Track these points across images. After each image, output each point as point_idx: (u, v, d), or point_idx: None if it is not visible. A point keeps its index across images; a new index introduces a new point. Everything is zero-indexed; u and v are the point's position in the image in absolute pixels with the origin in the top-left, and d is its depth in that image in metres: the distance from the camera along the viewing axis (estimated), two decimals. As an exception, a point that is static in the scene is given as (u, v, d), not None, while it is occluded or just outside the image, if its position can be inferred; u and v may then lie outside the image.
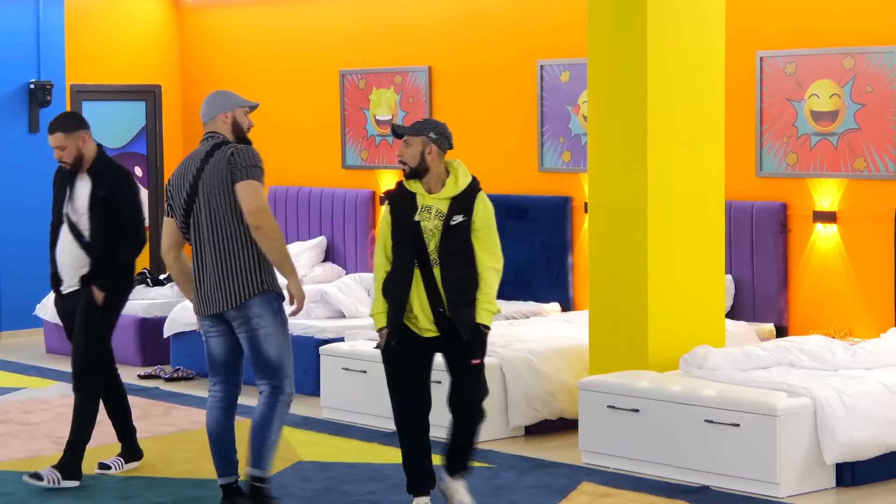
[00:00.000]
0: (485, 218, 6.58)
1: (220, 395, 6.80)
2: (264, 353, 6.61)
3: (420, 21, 11.84)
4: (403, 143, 6.58)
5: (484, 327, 6.55)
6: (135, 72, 13.79)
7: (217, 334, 6.67)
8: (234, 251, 6.53)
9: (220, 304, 6.55)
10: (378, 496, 7.14)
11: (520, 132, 11.05)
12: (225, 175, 6.53)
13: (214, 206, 6.53)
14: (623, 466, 7.58)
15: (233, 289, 6.52)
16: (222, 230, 6.53)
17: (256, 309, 6.55)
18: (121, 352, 11.23)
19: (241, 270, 6.53)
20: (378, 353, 8.75)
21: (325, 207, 12.40)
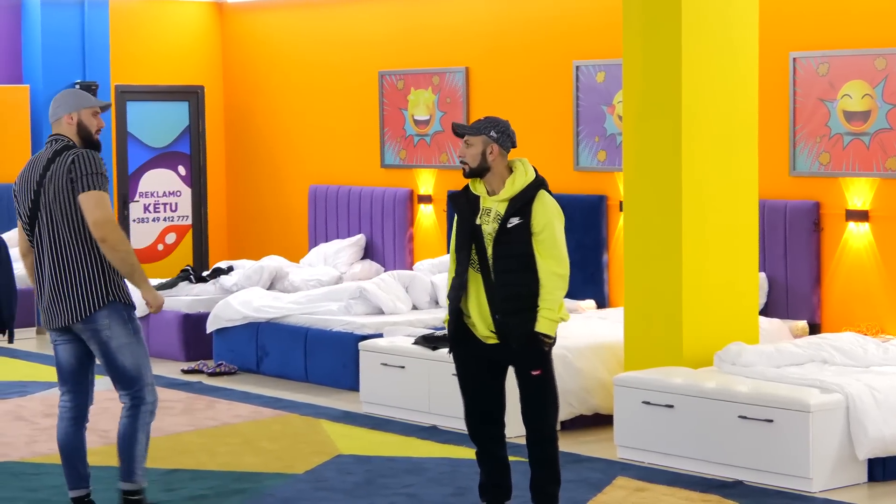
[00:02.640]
0: (544, 220, 6.21)
1: (69, 406, 6.48)
2: (119, 364, 6.31)
3: (457, 23, 11.94)
4: (464, 143, 6.32)
5: (544, 336, 6.17)
6: (178, 73, 13.91)
7: (64, 342, 6.38)
8: (76, 263, 6.23)
9: (64, 317, 6.26)
10: (417, 489, 7.18)
11: (555, 132, 11.13)
12: (65, 184, 6.18)
13: (56, 215, 6.22)
14: (657, 461, 7.63)
15: (77, 302, 6.22)
16: (63, 241, 6.23)
17: (104, 321, 6.25)
18: (164, 347, 11.41)
19: (84, 283, 6.22)
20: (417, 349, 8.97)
21: (363, 206, 12.50)
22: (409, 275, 10.85)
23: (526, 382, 6.31)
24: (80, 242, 6.22)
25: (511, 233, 6.18)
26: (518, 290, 6.16)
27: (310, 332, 10.27)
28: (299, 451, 8.10)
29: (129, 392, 6.38)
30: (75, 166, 6.18)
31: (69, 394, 6.46)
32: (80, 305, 6.23)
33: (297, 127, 13.48)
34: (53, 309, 6.30)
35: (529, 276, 6.17)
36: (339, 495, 7.09)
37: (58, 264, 6.25)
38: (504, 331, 6.20)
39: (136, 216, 13.69)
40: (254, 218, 14.00)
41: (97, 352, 6.33)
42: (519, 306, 6.16)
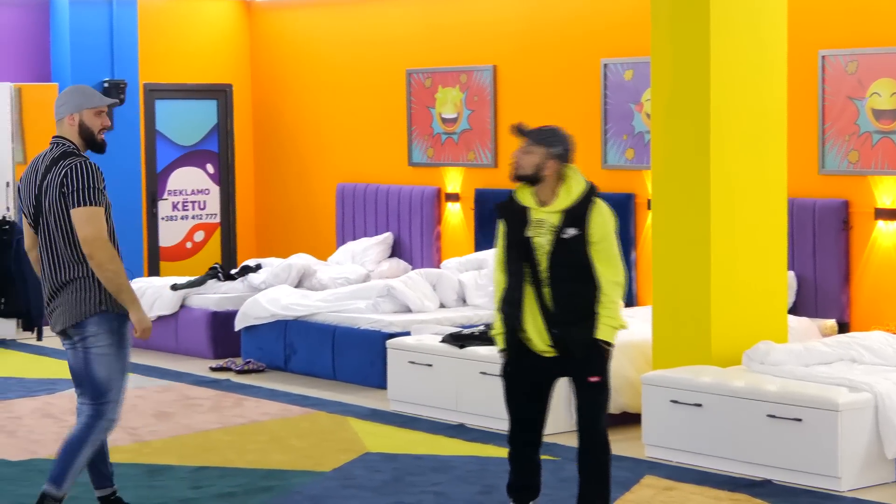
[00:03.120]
0: (602, 230, 6.09)
1: (81, 410, 6.34)
2: (93, 373, 6.17)
3: (485, 21, 11.94)
4: (524, 147, 6.12)
5: (605, 343, 6.09)
6: (206, 71, 13.96)
7: (70, 346, 6.30)
8: (70, 271, 6.14)
9: (59, 322, 6.19)
10: (444, 487, 7.19)
11: (583, 130, 11.11)
12: (57, 197, 6.08)
13: (51, 224, 6.13)
14: (686, 460, 7.63)
15: (71, 307, 6.13)
16: (59, 249, 6.15)
17: (93, 328, 6.14)
18: (193, 344, 11.46)
19: (77, 291, 6.13)
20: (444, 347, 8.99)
21: (391, 204, 12.52)
22: (437, 273, 10.87)
23: (583, 390, 6.19)
24: (75, 252, 6.13)
25: (568, 244, 6.04)
26: (576, 301, 6.05)
27: (337, 330, 10.30)
28: (327, 449, 8.12)
29: (92, 403, 6.21)
30: (67, 180, 6.04)
31: (83, 396, 6.34)
32: (73, 311, 6.13)
33: (325, 125, 13.51)
34: (51, 313, 6.24)
35: (586, 285, 6.07)
36: (367, 493, 7.11)
37: (54, 271, 6.17)
38: (564, 342, 6.09)
39: (165, 214, 13.74)
40: (282, 216, 14.04)
41: (79, 356, 6.20)
42: (577, 316, 6.05)
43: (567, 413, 8.52)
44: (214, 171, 14.06)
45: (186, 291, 11.70)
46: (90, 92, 6.31)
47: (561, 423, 8.49)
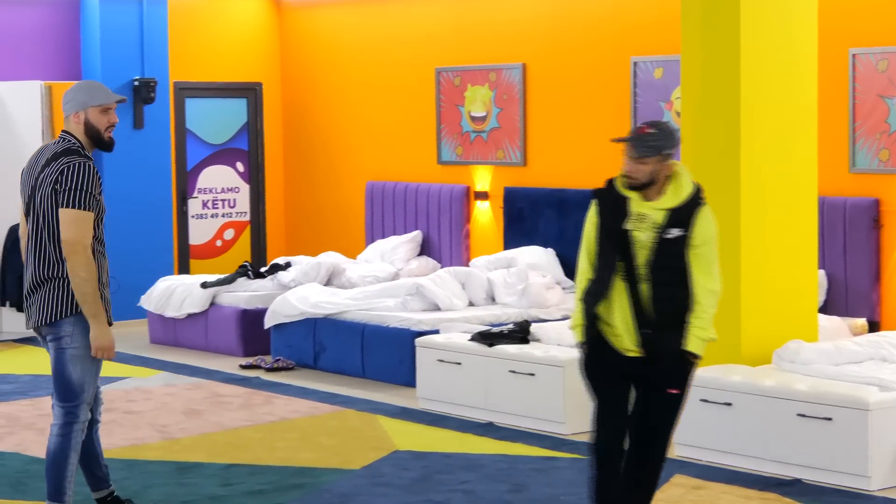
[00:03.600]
0: (706, 234, 5.77)
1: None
2: (67, 374, 6.06)
3: (514, 19, 11.95)
4: (635, 159, 5.79)
5: (692, 356, 5.77)
6: (236, 69, 14.00)
7: (43, 345, 6.27)
8: (52, 268, 6.05)
9: (34, 318, 6.11)
10: (473, 485, 7.19)
11: (613, 128, 11.09)
12: (49, 193, 6.00)
13: (40, 219, 6.07)
14: (716, 459, 7.62)
15: (48, 305, 6.04)
16: (42, 244, 6.07)
17: (68, 328, 6.04)
18: (223, 342, 11.51)
19: (57, 289, 6.03)
20: (473, 345, 9.00)
21: (420, 202, 12.54)
22: (466, 271, 10.87)
23: (657, 400, 5.85)
24: (57, 250, 6.04)
25: (670, 244, 5.73)
26: (671, 305, 5.75)
27: (367, 328, 10.32)
28: (356, 447, 8.14)
29: (64, 406, 6.11)
30: (63, 178, 5.95)
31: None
32: (49, 309, 6.05)
33: (354, 123, 13.54)
34: (29, 308, 6.15)
35: (682, 290, 5.76)
36: (396, 491, 7.12)
37: (37, 266, 6.09)
38: (652, 346, 5.78)
39: (195, 212, 13.79)
40: (311, 214, 14.07)
41: (52, 356, 6.11)
42: (672, 321, 5.75)
43: (596, 412, 8.52)
44: (244, 170, 14.10)
45: (216, 289, 11.74)
46: (96, 88, 6.16)
47: (587, 422, 8.46)
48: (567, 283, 11.12)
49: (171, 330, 12.00)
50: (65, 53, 13.12)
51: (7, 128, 12.12)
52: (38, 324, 6.11)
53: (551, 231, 11.38)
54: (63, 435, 6.12)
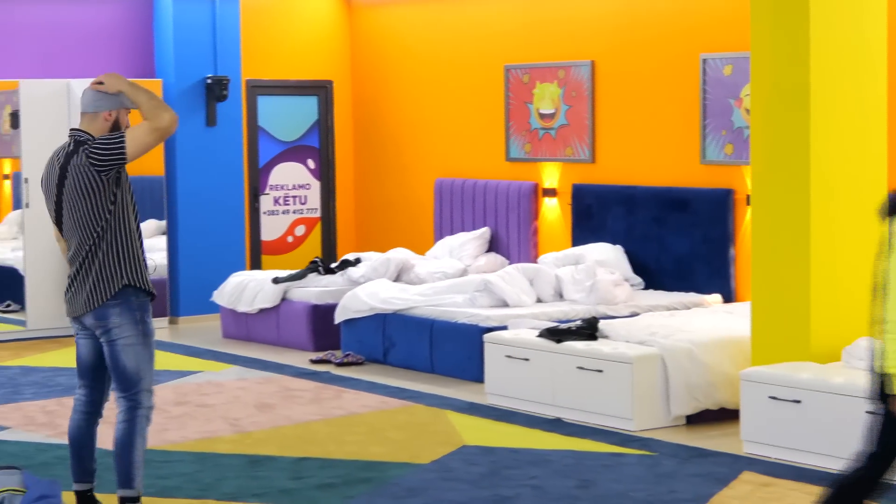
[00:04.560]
0: None
1: (84, 400, 6.42)
2: (122, 364, 6.21)
3: (583, 16, 11.95)
4: None
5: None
6: (307, 67, 14.10)
7: (84, 337, 6.35)
8: (91, 257, 6.19)
9: (79, 307, 6.24)
10: (541, 481, 7.21)
11: (682, 125, 11.10)
12: (87, 172, 6.12)
13: (78, 204, 6.17)
14: (784, 456, 7.60)
15: (91, 292, 6.18)
16: (80, 236, 6.19)
17: (115, 319, 6.19)
18: (294, 337, 11.61)
19: (101, 271, 6.18)
20: (541, 341, 9.02)
21: (488, 199, 12.57)
22: (534, 268, 10.88)
23: None
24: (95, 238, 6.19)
25: None
26: None
27: (435, 324, 10.37)
28: (425, 442, 8.18)
29: (126, 395, 6.25)
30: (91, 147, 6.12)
31: (85, 388, 6.40)
32: (92, 296, 6.18)
33: (423, 121, 13.60)
34: (72, 298, 6.26)
35: None
36: (464, 485, 7.15)
37: (76, 257, 6.23)
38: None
39: (267, 209, 13.91)
40: (381, 211, 14.15)
41: (105, 348, 6.25)
42: None
43: (664, 408, 8.53)
44: (315, 167, 14.20)
45: (287, 285, 11.84)
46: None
47: (656, 418, 8.51)
48: (635, 279, 11.12)
49: (244, 325, 12.13)
50: (138, 51, 13.27)
51: (82, 125, 12.28)
52: (82, 311, 6.24)
53: (619, 228, 11.38)
54: (128, 421, 6.24)
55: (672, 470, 7.44)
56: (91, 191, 6.14)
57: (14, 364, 11.02)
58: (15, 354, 11.46)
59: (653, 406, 8.48)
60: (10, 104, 12.34)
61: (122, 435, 6.25)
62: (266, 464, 7.67)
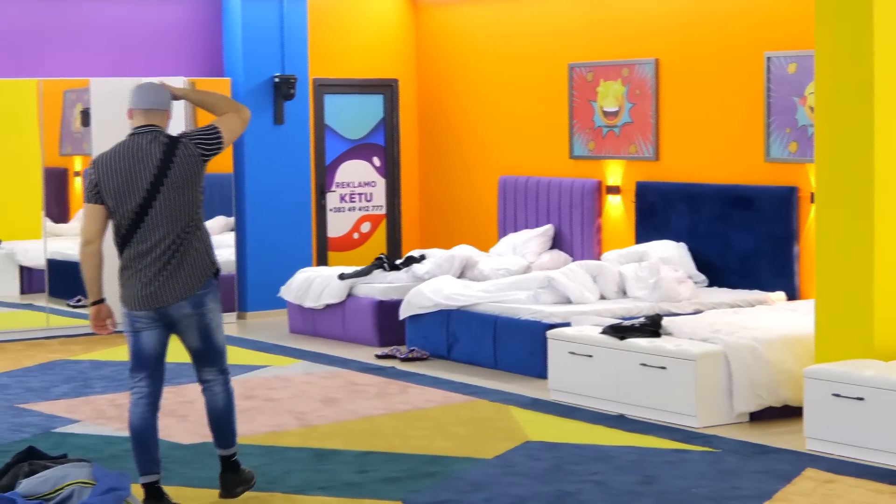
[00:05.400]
0: None
1: (147, 391, 6.56)
2: (215, 342, 6.59)
3: (647, 14, 11.96)
4: None
5: None
6: (373, 66, 14.18)
7: (153, 328, 6.50)
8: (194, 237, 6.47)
9: (172, 295, 6.45)
10: (604, 477, 7.21)
11: (746, 123, 11.09)
12: (196, 162, 6.44)
13: (178, 195, 6.42)
14: (847, 453, 7.59)
15: (189, 279, 6.44)
16: (185, 218, 6.44)
17: (210, 304, 6.51)
18: (359, 332, 11.70)
19: (197, 257, 6.46)
20: (604, 338, 9.06)
21: (552, 196, 12.60)
22: (597, 265, 10.89)
23: None
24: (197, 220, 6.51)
25: None
26: None
27: (499, 320, 10.42)
28: (488, 437, 8.22)
29: (219, 368, 6.68)
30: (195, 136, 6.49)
31: (148, 379, 6.55)
32: (190, 282, 6.44)
33: (487, 119, 13.66)
34: (160, 289, 6.42)
35: None
36: (528, 481, 7.17)
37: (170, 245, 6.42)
38: None
39: (333, 206, 14.02)
40: (445, 208, 14.22)
41: (196, 331, 6.51)
42: None
43: (727, 405, 8.54)
44: (381, 164, 14.29)
45: (353, 281, 11.93)
46: None
47: (719, 415, 8.52)
48: (699, 277, 11.12)
49: (310, 320, 12.24)
50: (207, 51, 13.41)
51: (152, 123, 12.42)
52: (180, 298, 6.44)
53: (683, 225, 11.39)
54: (225, 390, 6.71)
55: (735, 467, 7.44)
56: (193, 182, 6.45)
57: (84, 358, 11.19)
58: (85, 349, 11.64)
59: (716, 403, 8.49)
60: (80, 102, 12.52)
61: (223, 401, 6.70)
62: (332, 457, 7.72)
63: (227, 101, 6.63)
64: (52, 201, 12.54)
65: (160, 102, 6.51)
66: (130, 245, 6.45)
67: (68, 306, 12.56)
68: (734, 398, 8.50)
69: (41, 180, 12.33)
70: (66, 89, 12.58)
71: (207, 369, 6.67)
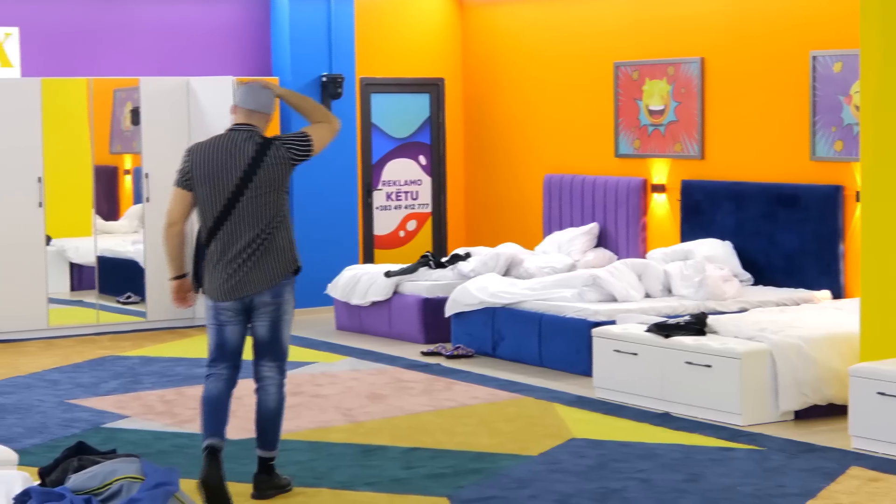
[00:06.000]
0: None
1: (227, 375, 6.84)
2: (282, 337, 6.80)
3: (692, 13, 11.96)
4: None
5: None
6: (420, 65, 14.23)
7: (234, 323, 6.75)
8: (279, 234, 6.72)
9: (255, 285, 6.69)
10: (649, 474, 7.23)
11: (792, 122, 11.07)
12: (284, 165, 6.70)
13: (266, 193, 6.67)
14: (892, 452, 7.57)
15: (272, 270, 6.70)
16: (269, 215, 6.69)
17: (287, 296, 6.77)
18: (405, 329, 11.75)
19: (280, 252, 6.71)
20: (649, 336, 9.08)
21: (597, 194, 12.61)
22: (643, 263, 10.90)
23: None
24: (284, 214, 6.76)
25: None
26: None
27: (544, 318, 10.45)
28: (534, 434, 8.25)
29: (278, 364, 6.84)
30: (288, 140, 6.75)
31: (228, 368, 6.83)
32: (273, 273, 6.69)
33: (533, 117, 13.69)
34: (243, 280, 6.67)
35: None
36: (573, 478, 7.19)
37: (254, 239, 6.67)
38: None
39: (379, 204, 14.08)
40: (491, 206, 14.26)
41: (266, 323, 6.74)
42: None
43: (772, 403, 8.54)
44: (427, 163, 14.34)
45: (399, 278, 11.99)
46: None
47: (764, 414, 8.52)
48: (744, 275, 11.12)
49: (357, 317, 12.31)
50: (255, 50, 13.50)
51: (200, 120, 12.50)
52: (262, 288, 6.68)
53: (728, 224, 11.38)
54: (278, 392, 6.85)
55: (780, 465, 7.44)
56: (281, 182, 6.71)
57: (134, 354, 11.31)
58: (135, 345, 11.76)
59: (761, 401, 8.50)
60: (130, 101, 12.64)
61: (275, 403, 6.85)
62: (378, 453, 7.77)
63: (321, 110, 6.93)
64: (102, 199, 12.68)
65: (262, 105, 6.81)
66: (217, 238, 6.70)
67: (118, 303, 12.69)
68: (779, 396, 8.49)
69: (91, 178, 12.46)
70: (116, 88, 12.70)
71: (268, 364, 6.82)
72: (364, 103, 13.91)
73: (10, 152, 11.96)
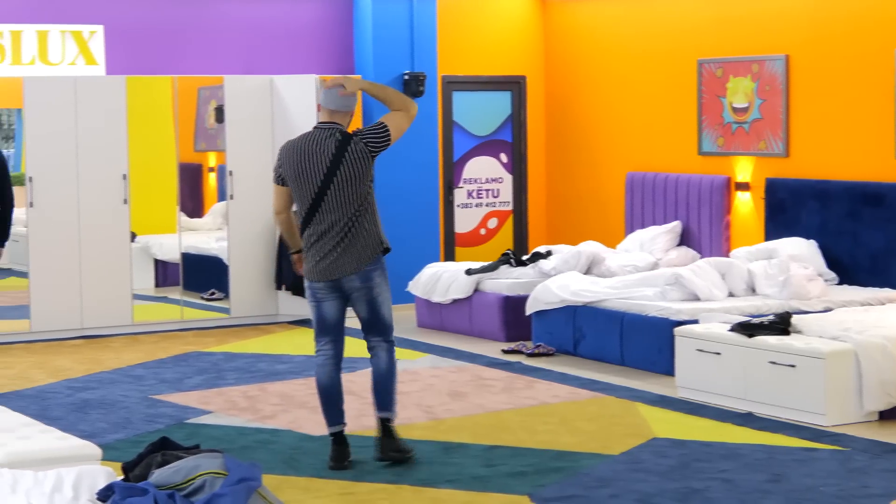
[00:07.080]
0: None
1: (332, 353, 7.48)
2: (382, 315, 7.44)
3: (777, 9, 11.86)
4: None
5: None
6: (501, 63, 14.25)
7: (332, 299, 7.39)
8: (364, 220, 7.29)
9: (344, 269, 7.30)
10: (732, 475, 7.19)
11: (877, 120, 10.95)
12: (365, 158, 7.25)
13: (351, 184, 7.25)
14: (972, 454, 7.53)
15: (360, 255, 7.29)
16: (355, 204, 7.27)
17: (377, 279, 7.36)
18: (486, 327, 11.78)
19: (367, 236, 7.30)
20: (733, 335, 9.02)
21: (680, 193, 12.55)
22: (726, 262, 10.83)
23: None
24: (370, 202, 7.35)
25: None
26: None
27: (626, 317, 10.42)
28: (615, 433, 8.24)
29: (385, 337, 7.51)
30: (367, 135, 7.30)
31: (331, 343, 7.48)
32: (360, 257, 7.30)
33: (615, 115, 13.65)
34: (335, 263, 7.30)
35: None
36: (655, 477, 7.17)
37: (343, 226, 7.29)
38: None
39: (461, 202, 14.11)
40: (572, 204, 14.24)
41: (364, 303, 7.38)
42: None
43: (857, 403, 8.46)
44: (508, 161, 14.35)
45: (480, 276, 12.01)
46: None
47: (848, 414, 8.44)
48: (829, 274, 11.01)
49: (437, 314, 12.35)
50: (338, 48, 13.58)
51: (284, 118, 12.61)
52: (351, 272, 7.29)
53: (813, 222, 11.28)
54: (389, 359, 7.50)
55: (864, 465, 7.38)
56: (363, 173, 7.28)
57: (218, 350, 11.42)
58: (219, 341, 11.88)
59: (845, 401, 8.42)
60: (215, 99, 12.76)
61: (386, 366, 7.48)
62: (459, 451, 7.80)
63: (399, 97, 7.43)
64: (187, 196, 12.80)
65: (344, 105, 7.38)
66: (310, 226, 7.36)
67: (202, 299, 12.82)
68: (864, 396, 8.42)
69: (176, 175, 12.58)
70: (200, 86, 12.82)
71: (374, 338, 7.51)
72: (446, 101, 13.94)
73: (96, 149, 12.11)
